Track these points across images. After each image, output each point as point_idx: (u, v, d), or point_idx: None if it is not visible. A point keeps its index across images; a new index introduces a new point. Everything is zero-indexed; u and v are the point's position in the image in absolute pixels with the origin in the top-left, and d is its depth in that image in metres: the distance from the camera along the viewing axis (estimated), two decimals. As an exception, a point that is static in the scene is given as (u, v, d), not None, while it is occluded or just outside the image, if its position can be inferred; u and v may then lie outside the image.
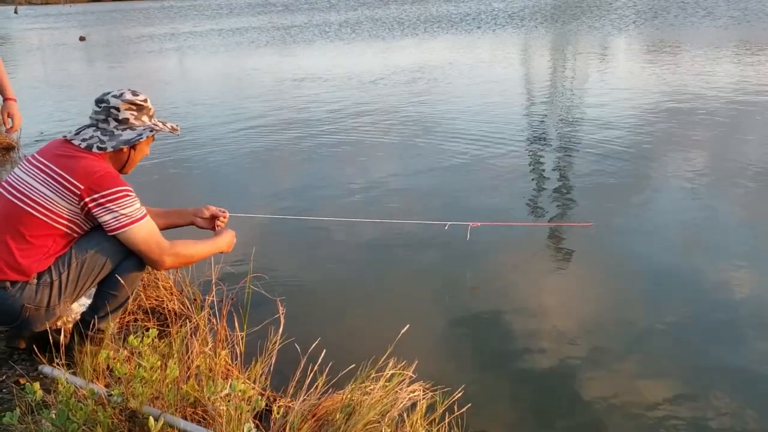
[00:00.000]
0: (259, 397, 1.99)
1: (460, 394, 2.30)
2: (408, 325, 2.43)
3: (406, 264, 4.39)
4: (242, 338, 2.62)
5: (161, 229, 2.97)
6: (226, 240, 2.90)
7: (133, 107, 2.66)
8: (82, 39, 28.72)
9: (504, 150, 7.50)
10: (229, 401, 2.11)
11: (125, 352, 2.15)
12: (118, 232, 2.52)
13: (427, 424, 2.17)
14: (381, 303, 3.87)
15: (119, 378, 2.13)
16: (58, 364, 2.27)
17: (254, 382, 2.30)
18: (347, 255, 4.56)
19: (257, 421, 2.20)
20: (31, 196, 2.47)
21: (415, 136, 8.51)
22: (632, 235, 4.78)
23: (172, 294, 3.38)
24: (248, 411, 1.87)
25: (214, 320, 2.73)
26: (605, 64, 17.28)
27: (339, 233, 4.83)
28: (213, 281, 3.28)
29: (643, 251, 4.48)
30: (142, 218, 2.56)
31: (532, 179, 6.37)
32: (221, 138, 8.72)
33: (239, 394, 1.89)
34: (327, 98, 12.27)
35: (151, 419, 1.80)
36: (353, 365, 2.36)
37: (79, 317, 2.90)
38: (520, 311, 3.66)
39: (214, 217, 3.05)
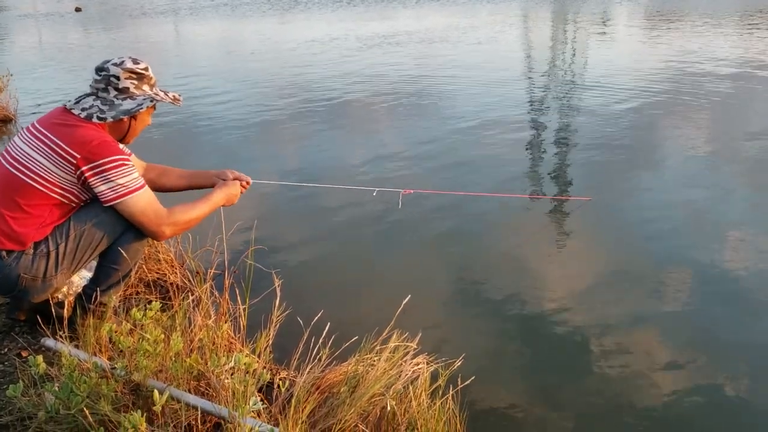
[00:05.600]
0: (264, 371, 1.97)
1: (462, 366, 2.29)
2: (410, 296, 2.40)
3: (405, 234, 4.37)
4: (244, 311, 2.60)
5: (182, 189, 2.95)
6: (223, 194, 2.82)
7: (134, 76, 2.62)
8: (78, 10, 28.37)
9: (506, 120, 7.52)
10: (232, 374, 2.10)
11: (128, 325, 2.13)
12: (114, 202, 2.48)
13: (430, 397, 2.16)
14: (381, 273, 3.86)
15: (122, 351, 2.12)
16: (60, 336, 2.25)
17: (257, 355, 2.29)
18: (347, 224, 4.55)
19: (260, 395, 2.20)
20: (28, 165, 2.44)
21: (416, 104, 8.55)
22: (626, 206, 4.80)
23: (173, 267, 3.36)
24: (253, 384, 1.86)
25: (216, 293, 2.71)
26: (605, 33, 17.15)
27: (339, 202, 4.82)
28: (214, 253, 3.28)
29: (640, 223, 4.50)
30: (139, 188, 2.51)
31: (528, 151, 6.37)
32: (221, 105, 8.70)
33: (244, 367, 1.87)
34: (327, 64, 12.25)
35: (156, 392, 1.79)
36: (356, 337, 2.35)
37: (80, 290, 2.89)
38: (522, 283, 3.65)
39: (236, 180, 3.00)
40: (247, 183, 2.99)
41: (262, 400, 2.03)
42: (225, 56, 14.56)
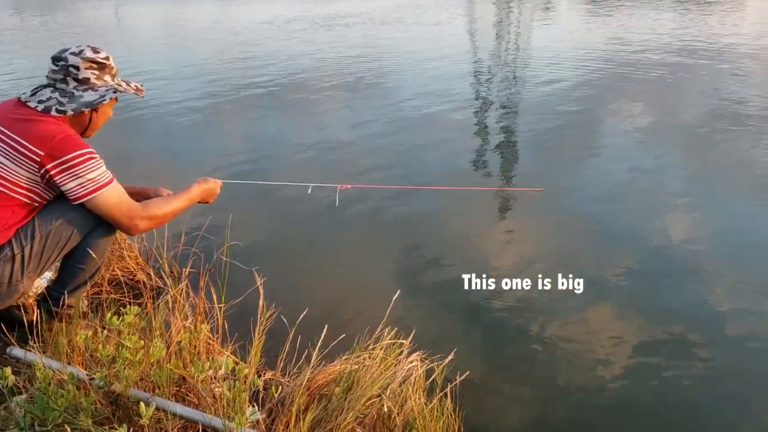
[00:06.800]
0: (256, 377, 1.88)
1: (455, 362, 2.23)
2: (399, 291, 2.33)
3: (363, 228, 4.28)
4: (220, 310, 2.49)
5: None
6: (200, 189, 2.71)
7: (94, 66, 2.46)
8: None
9: (453, 107, 7.50)
10: (214, 380, 2.01)
11: (105, 331, 2.00)
12: (84, 199, 2.33)
13: (426, 395, 2.10)
14: (361, 269, 3.74)
15: (95, 356, 1.99)
16: (31, 346, 2.10)
17: (247, 360, 2.17)
18: (309, 218, 4.40)
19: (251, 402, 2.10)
20: None
21: (363, 90, 8.52)
22: (581, 195, 4.81)
23: (138, 263, 3.21)
24: (245, 392, 1.76)
25: (192, 293, 2.57)
26: (549, 15, 17.34)
27: (295, 195, 4.67)
28: (179, 250, 3.15)
29: (590, 209, 4.53)
30: (110, 182, 2.36)
31: (476, 140, 6.33)
32: (163, 92, 8.41)
33: (236, 374, 1.77)
34: (274, 48, 12.09)
35: (143, 405, 1.68)
36: (343, 335, 2.25)
37: (40, 292, 2.73)
38: (494, 277, 3.57)
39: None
40: None
41: (252, 406, 1.93)
42: (169, 40, 14.15)
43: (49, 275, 2.87)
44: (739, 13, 16.58)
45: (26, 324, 2.48)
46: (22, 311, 2.58)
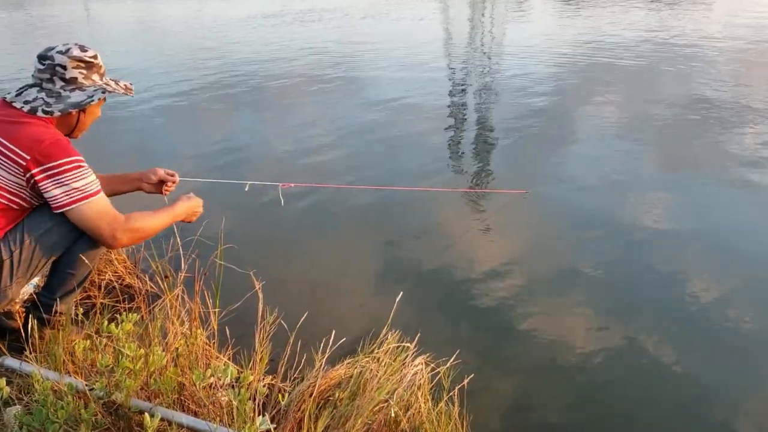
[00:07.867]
0: (259, 384, 1.84)
1: (459, 365, 2.22)
2: (402, 293, 2.29)
3: (365, 229, 4.22)
4: (216, 315, 2.44)
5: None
6: (184, 207, 2.61)
7: (82, 65, 2.39)
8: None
9: (428, 104, 7.50)
10: (219, 387, 1.96)
11: (102, 339, 1.94)
12: (67, 208, 2.23)
13: (433, 399, 2.08)
14: (354, 272, 3.67)
15: (94, 367, 1.94)
16: (27, 356, 2.04)
17: (249, 367, 2.13)
18: (303, 221, 4.32)
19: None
20: None
21: (335, 86, 8.49)
22: (563, 193, 4.79)
23: (126, 268, 3.14)
24: (250, 399, 1.72)
25: (186, 297, 2.51)
26: (524, 11, 17.42)
27: (286, 197, 4.58)
28: (169, 253, 3.08)
29: (574, 206, 4.53)
30: (96, 192, 2.27)
31: (453, 139, 6.28)
32: (141, 90, 8.26)
33: (241, 382, 1.73)
34: (245, 44, 12.05)
35: (147, 416, 1.63)
36: (344, 339, 2.21)
37: (27, 298, 2.66)
38: (485, 277, 3.55)
39: (161, 182, 2.81)
40: (173, 182, 2.83)
41: (263, 415, 1.88)
42: (138, 37, 13.94)
43: (36, 281, 2.80)
44: (708, 10, 16.84)
45: (14, 332, 2.41)
46: (11, 319, 2.52)
